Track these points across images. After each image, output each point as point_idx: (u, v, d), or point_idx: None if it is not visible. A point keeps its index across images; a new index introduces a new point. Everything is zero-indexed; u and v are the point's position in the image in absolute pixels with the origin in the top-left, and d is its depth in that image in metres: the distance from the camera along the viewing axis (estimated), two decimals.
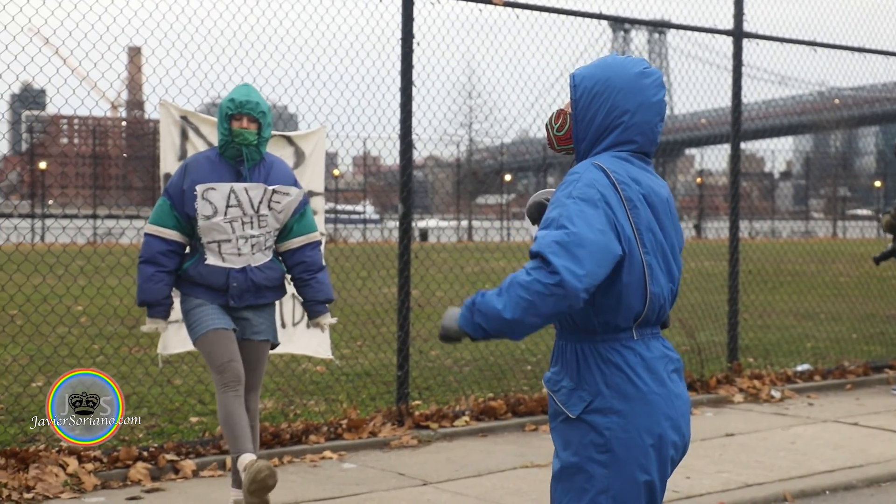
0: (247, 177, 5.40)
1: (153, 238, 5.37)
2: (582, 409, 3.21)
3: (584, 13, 8.98)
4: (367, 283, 11.13)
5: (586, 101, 3.30)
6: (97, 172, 42.00)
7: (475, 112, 43.94)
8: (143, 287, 5.36)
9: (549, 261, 2.99)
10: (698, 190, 49.90)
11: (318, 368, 9.78)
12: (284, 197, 5.47)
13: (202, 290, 5.39)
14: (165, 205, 5.39)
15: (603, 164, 3.21)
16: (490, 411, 8.11)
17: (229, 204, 5.34)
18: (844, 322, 13.50)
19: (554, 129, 3.43)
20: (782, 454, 7.32)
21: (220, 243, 5.36)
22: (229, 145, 5.39)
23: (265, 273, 5.47)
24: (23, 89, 34.65)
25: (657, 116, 3.32)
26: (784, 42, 10.40)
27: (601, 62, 3.35)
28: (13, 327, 9.36)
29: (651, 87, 3.30)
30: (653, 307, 3.22)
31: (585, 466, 3.20)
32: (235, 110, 5.36)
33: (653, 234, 3.22)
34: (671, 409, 3.24)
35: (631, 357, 3.21)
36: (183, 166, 5.46)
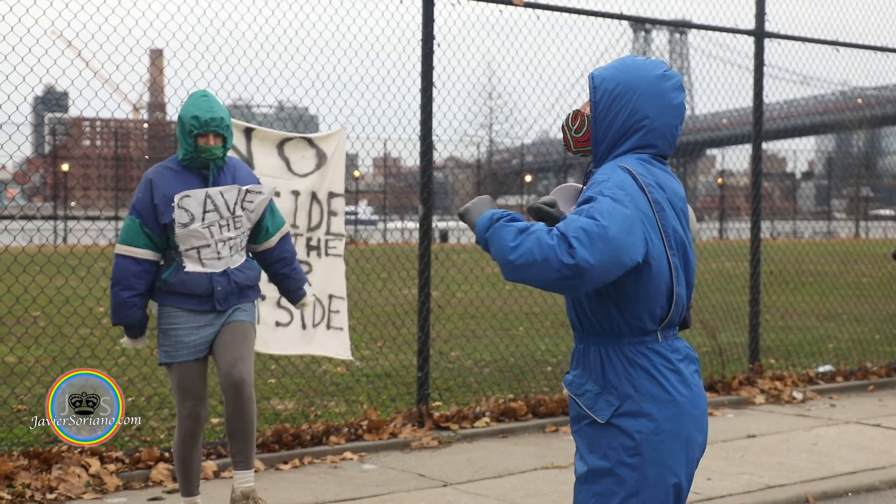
0: (215, 182, 5.34)
1: (124, 259, 5.27)
2: (611, 414, 3.19)
3: (604, 13, 8.96)
4: (388, 284, 11.15)
5: (606, 104, 3.27)
6: (119, 174, 42.19)
7: (495, 113, 43.95)
8: (118, 312, 5.30)
9: (571, 244, 2.96)
10: (719, 190, 49.70)
11: (339, 370, 9.80)
12: (257, 196, 5.42)
13: (184, 299, 5.30)
14: (134, 224, 5.28)
15: (629, 166, 3.19)
16: (510, 412, 8.10)
17: (206, 209, 5.26)
18: (867, 323, 13.42)
19: (571, 130, 3.40)
20: (804, 456, 7.29)
21: (200, 249, 5.29)
22: (195, 160, 5.31)
23: (245, 273, 5.43)
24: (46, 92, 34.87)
25: (677, 120, 3.30)
26: (806, 42, 10.35)
27: (621, 63, 3.32)
28: (36, 329, 9.42)
29: (671, 90, 3.29)
30: (677, 308, 3.22)
31: (615, 470, 3.18)
32: (201, 129, 5.25)
33: (677, 236, 3.23)
34: (696, 410, 3.24)
35: (657, 360, 3.20)
36: (146, 182, 5.32)
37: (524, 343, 11.38)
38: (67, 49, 7.19)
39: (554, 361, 10.54)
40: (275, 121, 27.40)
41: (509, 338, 11.93)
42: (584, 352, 3.29)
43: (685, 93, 3.34)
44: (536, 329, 12.36)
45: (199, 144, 5.27)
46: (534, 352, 11.03)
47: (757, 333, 9.95)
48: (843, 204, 57.21)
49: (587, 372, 3.26)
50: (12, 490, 5.92)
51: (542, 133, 48.50)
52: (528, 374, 9.68)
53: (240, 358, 5.37)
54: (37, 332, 9.30)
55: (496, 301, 13.65)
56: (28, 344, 9.43)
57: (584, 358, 3.29)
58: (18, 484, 5.98)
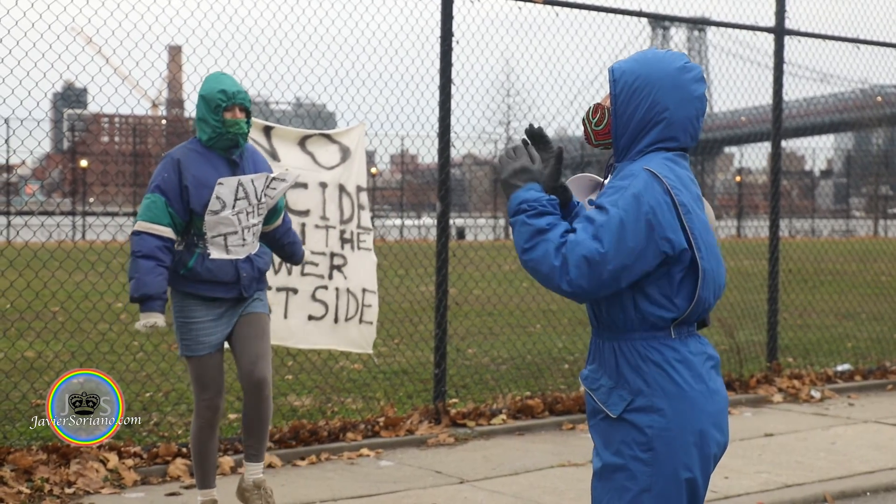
0: (240, 166, 5.35)
1: (147, 235, 5.19)
2: (623, 409, 3.20)
3: (623, 11, 8.93)
4: (405, 281, 11.15)
5: (626, 97, 3.27)
6: (137, 170, 42.35)
7: (513, 110, 43.95)
8: (144, 280, 5.13)
9: (569, 273, 3.08)
10: (737, 188, 49.54)
11: (356, 366, 9.82)
12: (281, 184, 5.43)
13: (210, 287, 5.27)
14: (160, 201, 5.21)
15: (655, 169, 3.18)
16: (527, 410, 8.10)
17: (237, 197, 5.26)
18: (886, 322, 13.36)
19: (592, 123, 3.39)
20: (822, 455, 7.26)
21: (227, 236, 5.28)
22: (223, 137, 5.27)
23: (263, 259, 5.46)
24: (65, 88, 35.05)
25: (698, 111, 3.29)
26: (826, 39, 10.30)
27: (641, 56, 3.31)
28: (55, 324, 9.46)
29: (692, 81, 3.28)
30: (696, 310, 3.21)
31: (628, 465, 3.19)
32: (228, 102, 5.25)
33: (707, 237, 3.22)
34: (711, 406, 3.23)
35: (670, 354, 3.19)
36: (174, 162, 5.27)
37: (541, 340, 11.37)
38: (87, 46, 7.23)
39: (571, 359, 10.53)
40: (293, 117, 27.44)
41: (526, 335, 11.92)
42: (599, 346, 3.30)
43: (706, 84, 3.33)
44: (553, 327, 12.35)
45: (227, 119, 5.25)
46: (551, 349, 11.02)
47: (775, 332, 9.92)
48: (862, 202, 56.94)
49: (602, 367, 3.27)
50: (31, 484, 5.96)
51: (559, 130, 48.40)
52: (545, 372, 9.68)
53: (260, 356, 5.38)
54: (56, 328, 9.35)
55: (513, 298, 13.65)
56: (47, 339, 9.47)
57: (599, 353, 3.30)
58: (37, 478, 6.01)
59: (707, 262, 3.20)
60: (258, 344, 5.40)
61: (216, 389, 5.37)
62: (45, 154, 40.28)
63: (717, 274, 3.26)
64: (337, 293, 6.97)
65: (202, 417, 5.39)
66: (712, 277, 3.23)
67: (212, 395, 5.36)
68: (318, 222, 6.88)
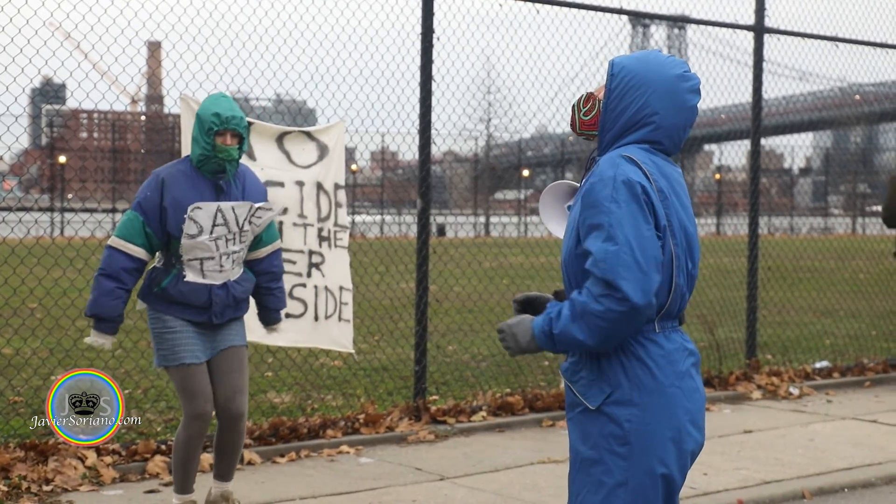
0: (226, 191, 5.27)
1: (118, 252, 5.15)
2: (602, 401, 3.20)
3: (603, 8, 8.95)
4: (385, 277, 11.14)
5: (620, 93, 3.28)
6: (116, 167, 42.18)
7: (494, 107, 43.95)
8: (100, 301, 5.15)
9: (616, 286, 3.04)
10: (717, 186, 49.72)
11: (336, 363, 9.80)
12: (266, 213, 5.38)
13: (181, 309, 5.23)
14: (137, 220, 5.18)
15: (633, 156, 3.20)
16: (507, 407, 8.11)
17: (216, 223, 5.19)
18: (863, 319, 13.43)
19: (581, 111, 3.40)
20: (801, 451, 7.30)
21: (203, 261, 5.21)
22: (210, 160, 5.20)
23: (243, 286, 5.39)
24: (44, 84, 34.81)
25: (687, 122, 3.31)
26: (805, 37, 10.34)
27: (643, 56, 3.32)
28: (33, 320, 9.41)
29: (688, 91, 3.29)
30: (675, 298, 3.23)
31: (604, 458, 3.20)
32: (221, 126, 5.16)
33: (681, 225, 3.23)
34: (690, 403, 3.24)
35: (653, 349, 3.20)
36: (158, 181, 5.22)
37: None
38: (66, 41, 7.19)
39: (551, 356, 10.54)
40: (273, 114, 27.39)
41: None
42: None
43: (700, 97, 3.35)
44: None
45: (217, 144, 5.17)
46: None
47: (754, 329, 9.96)
48: (841, 200, 57.23)
49: (583, 359, 3.28)
50: (9, 482, 5.92)
51: (540, 127, 48.45)
52: (525, 369, 9.69)
53: (238, 391, 5.37)
54: (34, 324, 9.29)
55: (493, 295, 13.66)
56: (25, 336, 9.41)
57: None
58: (15, 476, 5.98)
59: (679, 248, 3.22)
60: (236, 378, 5.38)
61: (204, 397, 5.27)
62: (22, 150, 40.04)
63: (689, 265, 3.27)
64: (316, 291, 6.95)
65: (191, 428, 5.30)
66: (684, 263, 3.24)
67: (201, 402, 5.26)
68: (295, 220, 6.86)
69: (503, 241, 27.68)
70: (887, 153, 52.29)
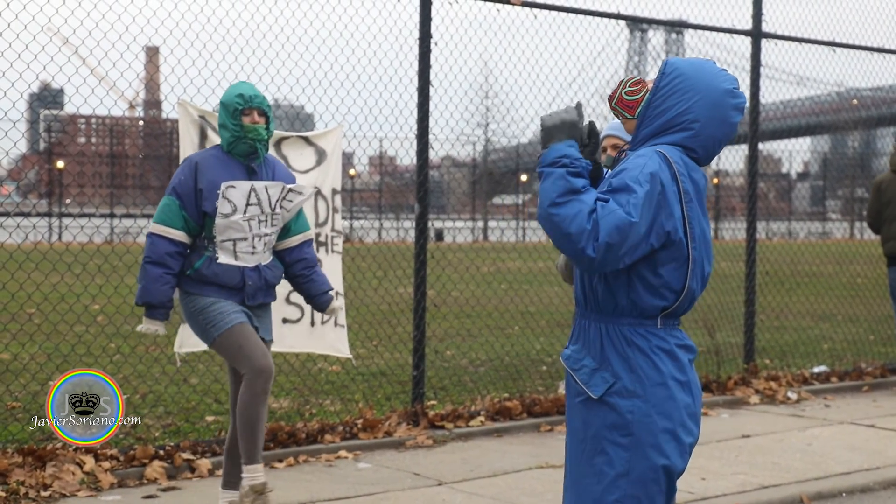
0: (259, 173, 5.34)
1: (160, 238, 5.22)
2: (604, 391, 3.22)
3: (601, 13, 8.96)
4: (383, 282, 11.15)
5: (667, 92, 3.30)
6: (114, 172, 42.16)
7: (492, 112, 43.93)
8: (149, 288, 5.19)
9: (598, 236, 3.06)
10: (715, 190, 49.75)
11: (334, 368, 9.80)
12: (297, 196, 5.43)
13: (215, 290, 5.26)
14: (174, 204, 5.24)
15: (667, 153, 3.22)
16: (505, 412, 8.10)
17: (249, 202, 5.26)
18: (861, 323, 13.44)
19: (626, 89, 3.41)
20: (798, 456, 7.30)
21: (236, 241, 5.27)
22: (241, 141, 5.28)
23: (273, 272, 5.43)
24: (42, 89, 34.81)
25: (725, 137, 3.35)
26: (802, 42, 10.36)
27: (698, 63, 3.35)
28: (31, 326, 9.41)
29: (732, 108, 3.32)
30: (684, 301, 3.26)
31: (605, 449, 3.22)
32: (246, 105, 5.27)
33: (702, 230, 3.27)
34: (689, 397, 3.28)
35: (656, 342, 3.24)
36: (192, 165, 5.29)
37: (519, 342, 11.38)
38: (64, 46, 7.19)
39: (549, 361, 10.54)
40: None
41: (504, 337, 11.94)
42: (585, 327, 3.33)
43: (742, 116, 3.38)
44: (532, 328, 12.37)
45: (245, 124, 5.25)
46: (529, 351, 11.03)
47: (752, 334, 9.96)
48: (838, 205, 57.26)
49: (586, 347, 3.30)
50: (7, 487, 5.92)
51: (538, 132, 48.49)
52: (524, 374, 9.69)
53: (267, 354, 5.34)
54: (32, 330, 9.29)
55: (491, 300, 13.66)
56: (23, 341, 9.42)
57: (584, 333, 3.33)
58: (13, 481, 5.97)
59: (697, 252, 3.24)
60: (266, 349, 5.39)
61: (262, 351, 5.25)
62: (21, 155, 40.06)
63: (705, 267, 3.31)
64: None
65: (256, 385, 5.22)
66: (700, 269, 3.28)
67: (260, 356, 5.22)
68: None
69: (501, 246, 27.69)
70: (885, 158, 52.25)
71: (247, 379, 5.26)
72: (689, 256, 3.22)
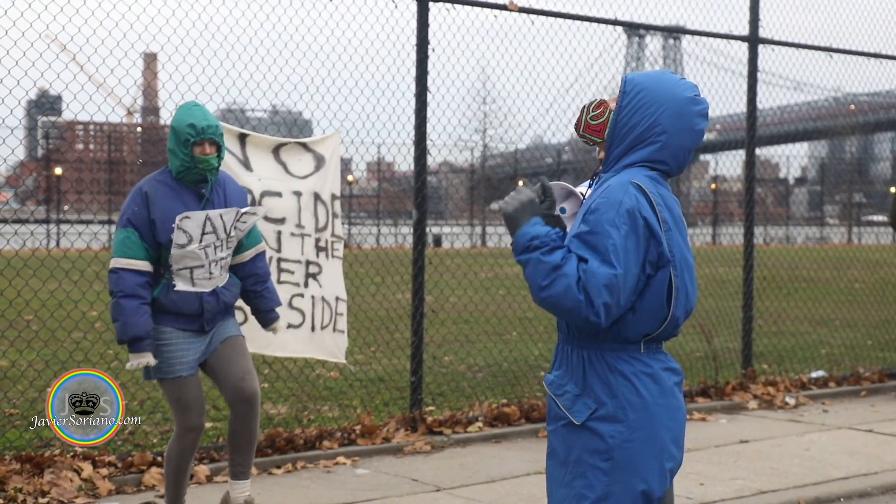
0: (210, 199, 5.28)
1: (127, 272, 5.12)
2: (587, 416, 3.23)
3: (599, 19, 8.98)
4: (381, 288, 11.15)
5: (631, 109, 3.30)
6: (112, 178, 42.14)
7: (489, 118, 43.92)
8: (130, 322, 5.10)
9: (592, 302, 3.09)
10: (712, 196, 49.78)
11: (332, 374, 9.80)
12: (251, 217, 5.40)
13: (172, 318, 5.22)
14: (133, 235, 5.16)
15: (642, 184, 3.22)
16: (503, 417, 8.10)
17: (205, 231, 5.19)
18: (859, 328, 13.45)
19: (589, 114, 3.41)
20: (797, 461, 7.30)
21: (193, 269, 5.22)
22: (191, 171, 5.22)
23: (231, 291, 5.39)
24: (40, 95, 34.83)
25: (693, 144, 3.36)
26: (800, 48, 10.37)
27: (657, 76, 3.36)
28: (29, 332, 9.40)
29: (696, 115, 3.33)
30: (667, 328, 3.26)
31: (586, 473, 3.22)
32: (197, 137, 5.17)
33: (683, 257, 3.26)
34: (672, 422, 3.27)
35: (638, 367, 3.24)
36: (141, 195, 5.21)
37: (517, 348, 11.38)
38: (62, 53, 7.19)
39: (547, 366, 10.54)
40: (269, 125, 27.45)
41: (503, 342, 11.94)
42: (567, 353, 3.33)
43: (708, 122, 3.38)
44: (530, 334, 12.37)
45: (196, 154, 5.19)
46: (527, 357, 11.03)
47: (750, 339, 9.97)
48: (836, 210, 57.32)
49: (569, 373, 3.30)
50: (4, 494, 5.91)
51: (535, 138, 48.52)
52: (522, 379, 9.69)
53: (247, 371, 5.36)
54: (29, 336, 9.29)
55: (489, 306, 13.66)
56: (21, 348, 9.41)
57: (566, 359, 3.33)
58: (10, 488, 5.97)
59: (680, 282, 3.25)
60: (242, 361, 5.38)
61: (199, 409, 5.28)
62: (18, 162, 40.05)
63: (690, 293, 3.31)
64: (313, 301, 6.96)
65: (184, 440, 5.29)
66: (685, 296, 3.28)
67: (196, 414, 5.27)
68: (293, 230, 6.87)
69: (499, 252, 27.69)
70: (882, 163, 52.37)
71: (177, 433, 5.31)
72: (672, 285, 3.22)
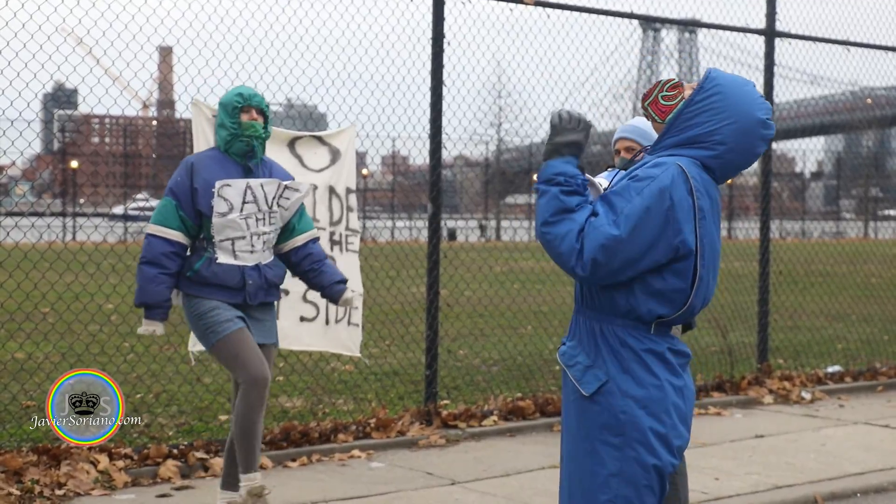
0: (255, 172, 5.34)
1: (156, 239, 5.22)
2: (596, 389, 3.23)
3: (614, 12, 8.95)
4: (396, 282, 11.15)
5: (701, 108, 3.26)
6: (128, 171, 42.27)
7: (504, 112, 43.87)
8: (145, 288, 5.20)
9: (583, 254, 3.12)
10: (728, 190, 49.62)
11: (347, 367, 9.81)
12: (294, 193, 5.43)
13: (215, 290, 5.25)
14: (170, 205, 5.25)
15: (686, 168, 3.19)
16: (518, 411, 8.10)
17: (245, 200, 5.26)
18: (876, 323, 13.39)
19: (663, 92, 3.36)
20: (812, 456, 7.28)
21: (234, 241, 5.26)
22: (237, 139, 5.30)
23: (274, 270, 5.41)
24: (56, 89, 34.95)
25: (746, 165, 3.34)
26: (817, 41, 10.32)
27: (740, 85, 3.29)
28: (45, 325, 9.44)
29: (760, 139, 3.29)
30: (683, 314, 3.25)
31: (597, 448, 3.24)
32: (244, 102, 5.31)
33: (712, 247, 3.25)
34: (681, 400, 3.28)
35: (648, 344, 3.25)
36: (187, 165, 5.31)
37: (532, 342, 11.37)
38: (78, 46, 7.21)
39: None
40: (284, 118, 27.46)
41: (517, 336, 11.93)
42: (581, 324, 3.34)
43: (766, 147, 3.35)
44: (545, 328, 12.35)
45: (243, 122, 5.28)
46: (542, 350, 11.02)
47: (766, 333, 9.94)
48: (852, 204, 57.07)
49: (581, 344, 3.31)
50: (21, 486, 5.94)
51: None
52: (536, 373, 9.68)
53: (265, 363, 5.32)
54: (46, 329, 9.32)
55: (504, 300, 13.65)
56: (37, 340, 9.45)
57: (579, 330, 3.34)
58: (27, 480, 5.99)
59: (705, 271, 3.24)
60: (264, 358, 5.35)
61: (259, 360, 5.23)
62: (35, 155, 40.19)
63: (710, 284, 3.31)
64: None
65: (251, 395, 5.21)
66: (705, 286, 3.27)
67: (257, 366, 5.20)
68: None
69: (514, 246, 27.68)
70: None
71: (242, 389, 5.26)
72: (696, 273, 3.21)
